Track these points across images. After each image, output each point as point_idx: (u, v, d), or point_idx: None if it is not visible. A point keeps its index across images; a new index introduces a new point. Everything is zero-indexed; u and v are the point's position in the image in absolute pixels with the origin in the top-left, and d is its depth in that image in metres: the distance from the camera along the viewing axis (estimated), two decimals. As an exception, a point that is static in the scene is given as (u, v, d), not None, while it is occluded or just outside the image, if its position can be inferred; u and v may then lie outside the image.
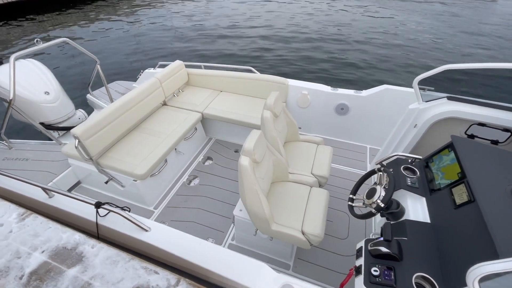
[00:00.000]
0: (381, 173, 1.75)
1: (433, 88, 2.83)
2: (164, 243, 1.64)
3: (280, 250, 2.26)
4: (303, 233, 1.87)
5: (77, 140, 2.37)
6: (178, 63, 3.60)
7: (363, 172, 3.14)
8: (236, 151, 3.46)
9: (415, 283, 1.27)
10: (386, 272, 1.33)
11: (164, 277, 1.40)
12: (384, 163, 2.02)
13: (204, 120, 3.47)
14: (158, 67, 4.10)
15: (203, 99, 3.54)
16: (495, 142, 2.43)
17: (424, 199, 1.68)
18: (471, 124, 2.37)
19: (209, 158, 3.38)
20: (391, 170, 1.81)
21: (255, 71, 3.57)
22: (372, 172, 1.83)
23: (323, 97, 3.34)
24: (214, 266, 1.51)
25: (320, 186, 2.32)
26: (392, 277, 1.31)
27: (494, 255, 1.11)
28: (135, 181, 2.58)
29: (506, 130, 2.28)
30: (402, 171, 1.87)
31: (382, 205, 1.54)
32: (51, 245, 1.55)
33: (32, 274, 1.40)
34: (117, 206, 1.76)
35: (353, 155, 3.40)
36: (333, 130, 3.58)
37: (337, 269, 2.24)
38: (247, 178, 1.70)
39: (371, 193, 1.68)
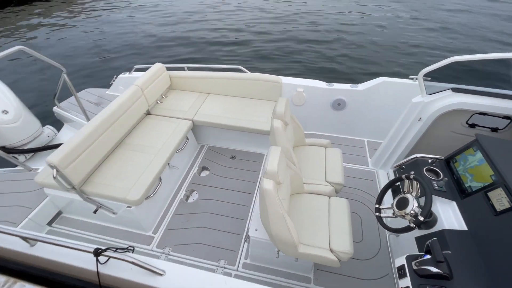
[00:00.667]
0: (411, 181, 1.66)
1: (429, 79, 2.79)
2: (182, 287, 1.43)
3: (300, 264, 2.14)
4: (331, 250, 1.75)
5: (55, 170, 2.01)
6: (158, 66, 3.23)
7: (365, 168, 3.09)
8: (233, 158, 3.24)
9: None
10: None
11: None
12: (404, 165, 1.94)
13: (195, 127, 3.19)
14: (135, 71, 3.68)
15: (191, 104, 3.24)
16: (494, 130, 2.46)
17: (454, 203, 1.62)
18: (473, 114, 2.38)
19: (204, 168, 3.13)
20: (413, 173, 1.73)
21: (245, 70, 3.32)
22: (400, 179, 1.73)
23: (319, 93, 3.20)
24: None
25: (336, 193, 2.20)
26: None
27: None
28: (130, 207, 2.29)
29: (506, 117, 2.30)
30: (425, 173, 1.80)
31: (422, 219, 1.44)
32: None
33: None
34: (121, 249, 1.50)
35: (352, 150, 3.33)
36: (330, 126, 3.48)
37: (359, 276, 2.17)
38: (272, 203, 1.52)
39: (403, 203, 1.58)
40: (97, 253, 1.47)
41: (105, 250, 1.47)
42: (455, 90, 2.32)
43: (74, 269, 1.58)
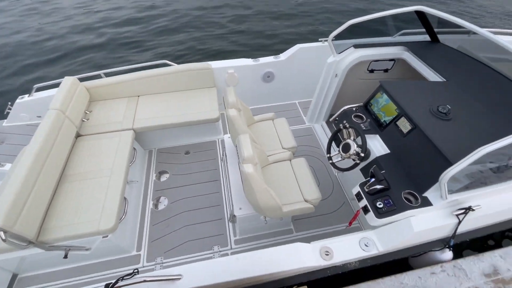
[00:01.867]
0: (346, 129, 2.12)
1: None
2: (205, 279, 1.60)
3: (282, 221, 2.52)
4: (306, 200, 2.15)
5: (1, 232, 1.75)
6: (69, 80, 2.83)
7: (303, 126, 3.59)
8: (187, 153, 3.27)
9: (404, 198, 1.76)
10: (386, 202, 1.77)
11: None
12: (337, 117, 2.41)
13: (137, 135, 3.05)
14: (36, 92, 3.12)
15: (123, 112, 3.02)
16: (386, 70, 3.19)
17: (377, 136, 2.17)
18: (370, 62, 3.01)
19: (162, 172, 3.09)
20: (345, 122, 2.21)
21: (171, 63, 3.22)
22: (339, 130, 2.18)
23: (248, 70, 3.41)
24: (266, 269, 1.62)
25: (293, 154, 2.58)
26: (391, 203, 1.76)
27: (446, 162, 1.66)
28: (106, 236, 2.19)
29: (391, 60, 3.01)
30: (354, 119, 2.30)
31: (363, 154, 1.93)
32: None
33: None
34: (128, 275, 1.54)
35: (289, 113, 3.77)
36: (265, 97, 3.79)
37: (325, 211, 2.71)
38: (256, 182, 1.75)
39: (346, 147, 2.04)
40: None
41: (116, 283, 1.48)
42: (356, 46, 2.86)
43: None
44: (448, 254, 1.93)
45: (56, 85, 2.92)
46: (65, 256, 2.16)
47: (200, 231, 2.59)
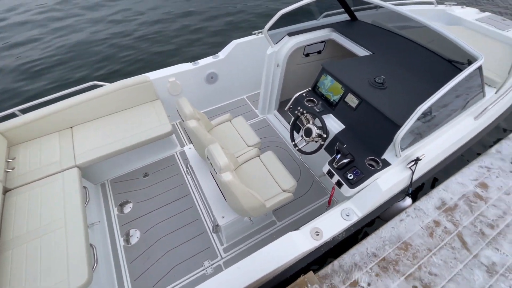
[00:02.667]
0: (303, 115, 2.25)
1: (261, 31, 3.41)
2: None
3: (263, 216, 2.58)
4: (284, 191, 2.23)
5: None
6: None
7: (257, 119, 3.66)
8: (146, 175, 3.03)
9: (368, 165, 1.98)
10: (355, 172, 1.97)
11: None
12: (291, 105, 2.52)
13: (83, 171, 2.69)
14: None
15: (58, 150, 2.62)
16: (319, 52, 3.44)
17: (331, 115, 2.36)
18: (305, 46, 3.21)
19: (124, 203, 2.81)
20: (301, 109, 2.34)
21: (103, 83, 2.88)
22: (297, 118, 2.30)
23: (190, 75, 3.28)
24: (268, 267, 1.66)
25: (260, 150, 2.62)
26: (359, 172, 1.96)
27: (394, 126, 1.91)
28: None
29: (321, 42, 3.26)
30: (307, 104, 2.45)
31: (325, 135, 2.08)
32: None
33: None
34: None
35: (240, 110, 3.79)
36: (213, 99, 3.72)
37: (300, 194, 2.86)
38: (237, 189, 1.74)
39: (308, 132, 2.17)
40: None
41: None
42: (290, 34, 3.00)
43: None
44: (408, 201, 2.26)
45: None
46: None
47: (185, 251, 2.47)
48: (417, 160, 2.02)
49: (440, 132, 2.17)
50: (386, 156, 2.00)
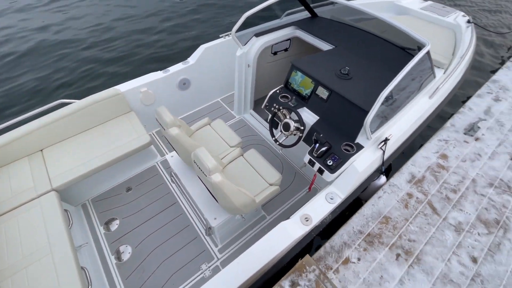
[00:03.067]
0: (280, 111, 2.36)
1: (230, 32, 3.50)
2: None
3: (253, 213, 2.66)
4: (271, 185, 2.33)
5: None
6: None
7: (234, 120, 3.72)
8: (129, 189, 2.97)
9: (344, 150, 2.15)
10: (333, 158, 2.12)
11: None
12: (267, 103, 2.63)
13: (61, 194, 2.58)
14: None
15: (31, 175, 2.49)
16: (286, 50, 3.59)
17: (305, 108, 2.50)
18: (272, 45, 3.33)
19: (110, 221, 2.73)
20: (276, 105, 2.46)
21: (70, 100, 2.76)
22: (274, 114, 2.40)
23: (162, 83, 3.25)
24: (267, 257, 1.75)
25: (242, 148, 2.69)
26: (337, 157, 2.11)
27: (363, 112, 2.09)
28: None
29: (287, 40, 3.40)
30: (281, 100, 2.56)
31: (302, 128, 2.21)
32: None
33: None
34: None
35: (216, 113, 3.82)
36: (187, 105, 3.71)
37: (285, 186, 2.98)
38: (228, 188, 1.80)
39: (286, 126, 2.29)
40: None
41: None
42: (256, 35, 3.10)
43: None
44: (383, 178, 2.47)
45: None
46: None
47: (180, 259, 2.48)
48: (386, 140, 2.22)
49: (402, 113, 2.40)
50: (359, 140, 2.18)
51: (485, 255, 1.99)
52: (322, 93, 2.36)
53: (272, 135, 2.45)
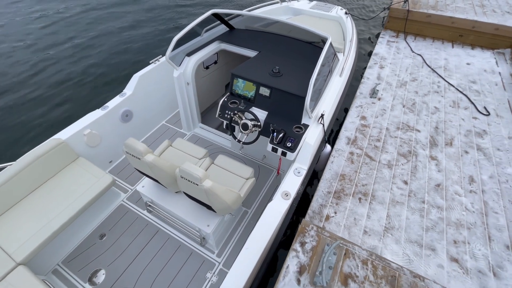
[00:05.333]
0: (235, 115, 2.67)
1: (160, 56, 3.66)
2: (240, 283, 1.83)
3: (236, 211, 2.90)
4: (248, 179, 2.62)
5: None
6: None
7: (187, 137, 3.84)
8: (102, 236, 2.79)
9: (295, 131, 2.61)
10: (290, 140, 2.55)
11: None
12: (220, 111, 2.89)
13: (30, 264, 2.29)
14: None
15: None
16: (216, 62, 3.92)
17: (254, 107, 2.87)
18: (202, 61, 3.60)
19: (93, 275, 2.53)
20: (230, 112, 2.76)
21: (6, 164, 2.44)
22: (231, 120, 2.70)
23: (104, 121, 3.14)
24: (267, 237, 2.04)
25: (209, 156, 2.88)
26: (293, 139, 2.56)
27: (300, 98, 2.58)
28: None
29: (215, 54, 3.73)
30: (231, 106, 2.87)
31: (259, 123, 2.57)
32: None
33: None
34: None
35: (166, 135, 3.85)
36: (135, 136, 3.63)
37: (257, 175, 3.30)
38: (219, 189, 2.01)
39: (244, 126, 2.62)
40: None
41: None
42: (188, 54, 3.32)
43: None
44: (328, 147, 3.05)
45: None
46: None
47: (184, 277, 2.53)
48: (322, 116, 2.79)
49: (326, 92, 3.03)
50: (304, 121, 2.68)
51: (410, 176, 2.75)
52: (264, 91, 2.78)
53: (234, 137, 2.74)
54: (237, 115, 2.68)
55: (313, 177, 3.54)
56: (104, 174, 2.75)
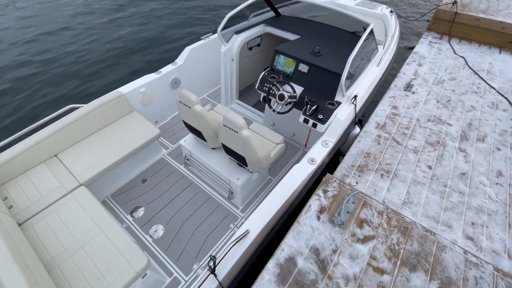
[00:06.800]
0: (274, 86, 2.94)
1: (211, 33, 4.03)
2: (265, 219, 2.07)
3: (262, 177, 3.16)
4: (278, 144, 2.88)
5: None
6: None
7: (228, 107, 4.17)
8: (144, 181, 3.20)
9: (328, 105, 2.81)
10: (322, 112, 2.76)
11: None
12: (260, 83, 3.18)
13: (88, 188, 2.74)
14: None
15: (54, 177, 2.61)
16: (258, 45, 4.22)
17: (291, 83, 3.12)
18: (247, 41, 3.92)
19: (134, 210, 2.94)
20: (268, 85, 3.03)
21: (79, 104, 2.93)
22: (269, 91, 2.97)
23: (157, 84, 3.57)
24: (292, 189, 2.27)
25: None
26: (325, 112, 2.76)
27: (337, 75, 2.78)
28: (145, 275, 2.14)
29: (258, 36, 4.03)
30: (270, 79, 3.14)
31: (295, 95, 2.82)
32: None
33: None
34: (211, 257, 1.79)
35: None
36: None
37: (289, 149, 3.54)
38: (254, 141, 2.28)
39: (281, 96, 2.88)
40: (213, 270, 1.72)
41: (214, 261, 1.74)
42: (236, 33, 3.65)
43: None
44: (357, 128, 3.20)
45: None
46: None
47: (210, 224, 2.83)
48: (355, 97, 2.96)
49: (362, 77, 3.19)
50: (337, 98, 2.87)
51: (435, 163, 2.82)
52: (303, 68, 3.02)
53: (270, 107, 3.01)
54: (275, 86, 2.94)
55: (336, 157, 3.68)
56: (152, 127, 3.15)
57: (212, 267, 1.70)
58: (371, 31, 2.98)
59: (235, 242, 1.86)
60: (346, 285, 1.53)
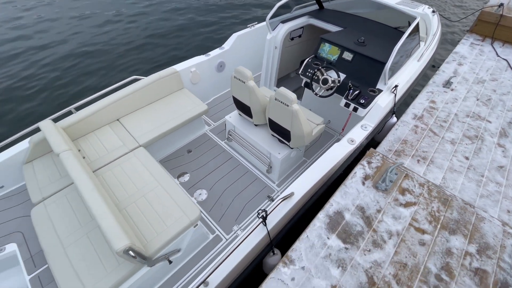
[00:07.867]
0: (318, 71, 3.13)
1: (256, 22, 4.28)
2: (308, 184, 2.27)
3: (298, 157, 3.35)
4: (318, 124, 3.06)
5: (130, 252, 1.81)
6: (47, 123, 2.54)
7: (272, 90, 4.40)
8: (189, 151, 3.50)
9: (370, 91, 2.95)
10: (364, 97, 2.91)
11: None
12: (303, 69, 3.38)
13: (147, 150, 3.07)
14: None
15: (117, 137, 2.96)
16: (300, 36, 4.42)
17: (335, 69, 3.29)
18: (290, 32, 4.13)
19: (180, 175, 3.24)
20: (312, 70, 3.22)
21: (141, 77, 3.28)
22: (312, 76, 3.16)
23: (205, 65, 3.87)
24: (332, 163, 2.45)
25: None
26: (366, 97, 2.91)
27: (381, 64, 2.92)
28: (196, 225, 2.41)
29: (300, 28, 4.23)
30: (314, 65, 3.33)
31: (339, 79, 2.99)
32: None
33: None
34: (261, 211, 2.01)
35: None
36: (221, 85, 4.34)
37: (324, 135, 3.71)
38: (302, 116, 2.49)
39: (325, 81, 3.06)
40: (264, 219, 1.94)
41: (265, 211, 1.96)
42: (282, 22, 3.88)
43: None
44: (394, 118, 3.32)
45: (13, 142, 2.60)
46: (170, 262, 2.26)
47: (248, 194, 3.07)
48: (396, 86, 3.08)
49: (402, 69, 3.30)
50: (379, 85, 3.01)
51: (473, 155, 2.88)
52: (348, 56, 3.18)
53: (313, 91, 3.20)
54: (320, 71, 3.13)
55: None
56: (201, 103, 3.45)
57: (265, 216, 1.93)
58: (417, 25, 3.09)
59: (282, 199, 2.07)
60: (389, 238, 1.69)
